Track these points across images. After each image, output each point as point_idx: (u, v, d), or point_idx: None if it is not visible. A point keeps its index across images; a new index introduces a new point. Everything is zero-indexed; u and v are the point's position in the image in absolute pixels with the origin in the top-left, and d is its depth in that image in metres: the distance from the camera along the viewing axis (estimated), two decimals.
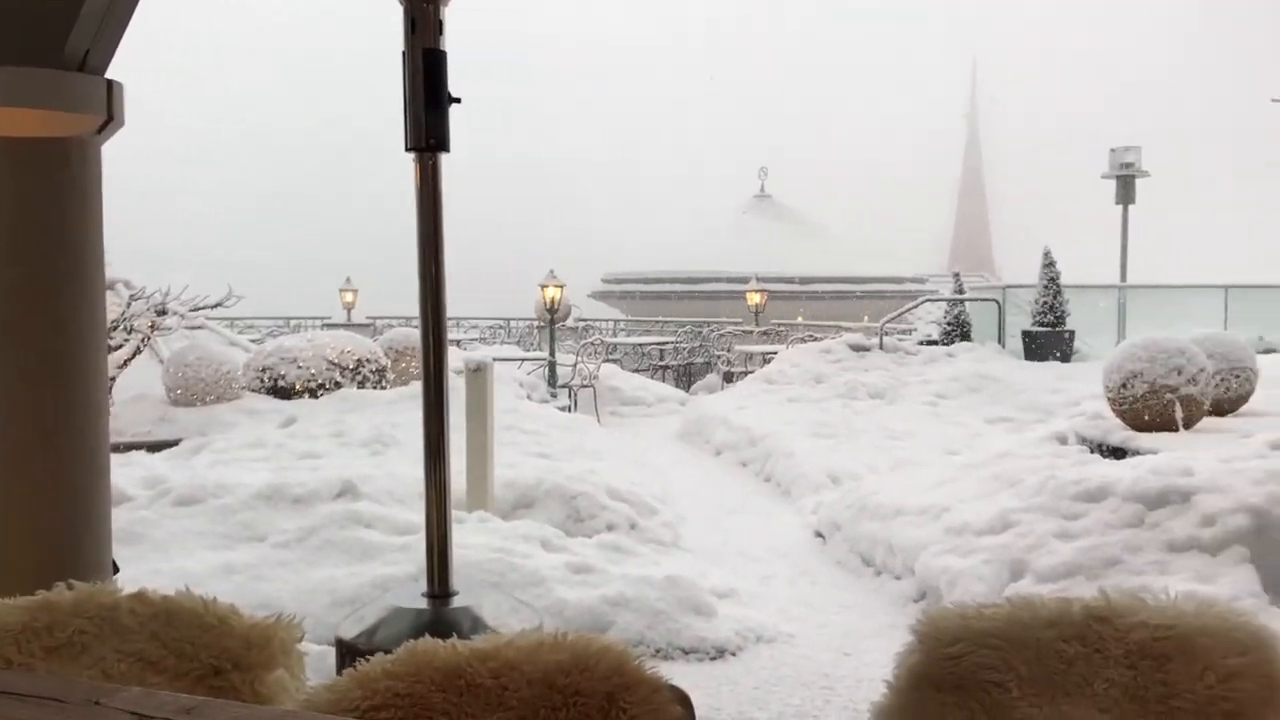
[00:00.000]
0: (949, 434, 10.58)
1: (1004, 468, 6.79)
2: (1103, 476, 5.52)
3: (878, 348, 14.32)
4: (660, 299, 32.66)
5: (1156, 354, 7.44)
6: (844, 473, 8.79)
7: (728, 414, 11.89)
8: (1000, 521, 5.57)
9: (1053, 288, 14.67)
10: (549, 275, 15.02)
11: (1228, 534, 4.88)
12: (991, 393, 12.46)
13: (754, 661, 4.83)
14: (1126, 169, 17.55)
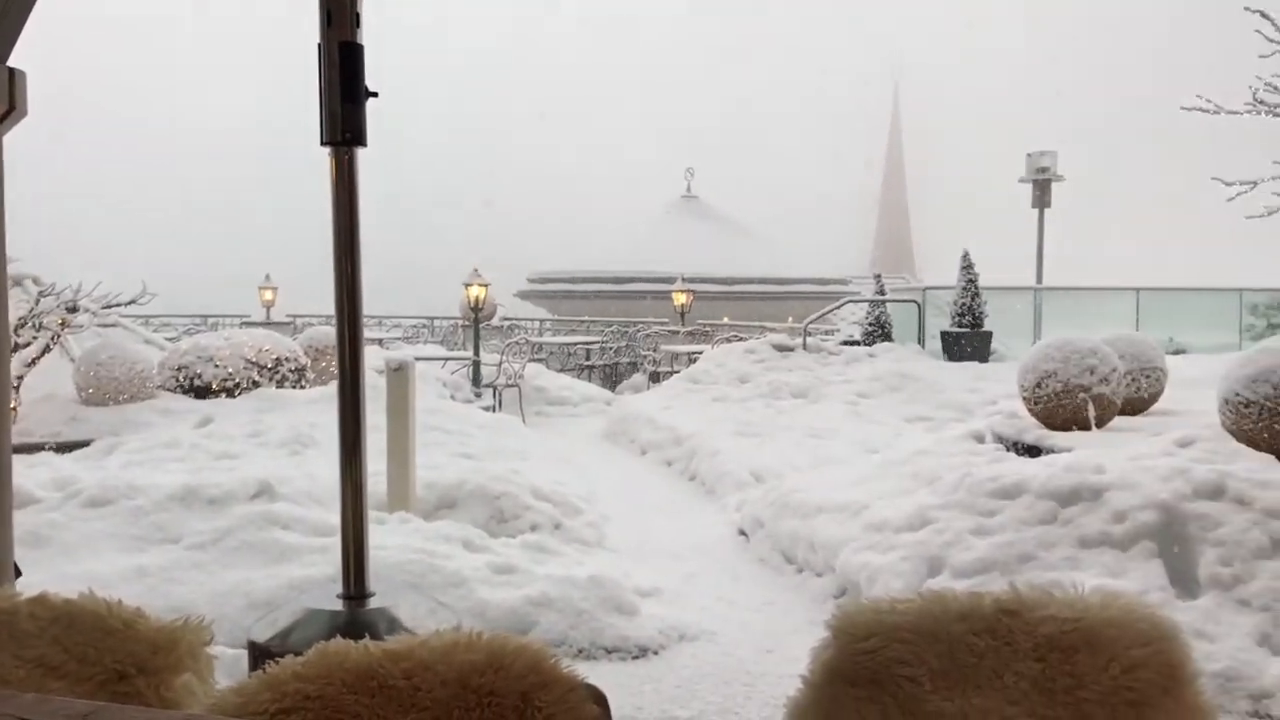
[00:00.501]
0: (870, 432, 10.73)
1: (922, 465, 6.90)
2: (1017, 474, 5.63)
3: (801, 348, 14.46)
4: (586, 299, 32.62)
5: (1070, 354, 7.61)
6: (767, 471, 8.86)
7: (653, 414, 11.92)
8: (918, 518, 5.66)
9: (971, 289, 14.94)
10: (473, 274, 14.92)
11: (1137, 530, 5.01)
12: (911, 392, 12.65)
13: (677, 659, 4.84)
14: (1042, 173, 17.96)
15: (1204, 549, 4.84)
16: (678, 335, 19.92)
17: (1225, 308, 18.59)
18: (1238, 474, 5.16)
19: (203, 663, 1.78)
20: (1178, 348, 16.21)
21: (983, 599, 1.75)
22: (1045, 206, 18.07)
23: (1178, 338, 16.94)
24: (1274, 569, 4.66)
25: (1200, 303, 19.05)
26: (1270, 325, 18.82)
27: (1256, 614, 4.50)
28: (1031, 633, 1.70)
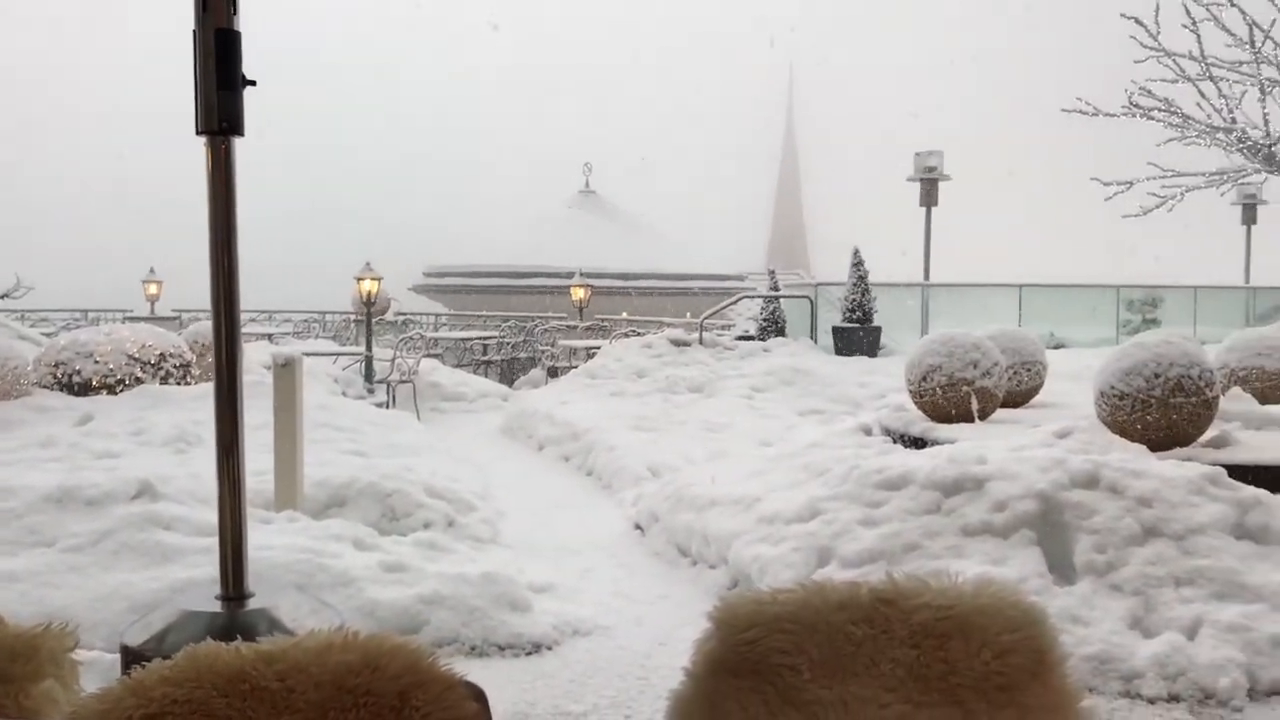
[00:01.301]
0: (764, 426, 10.88)
1: (813, 458, 7.01)
2: (903, 465, 5.76)
3: (698, 343, 14.58)
4: (484, 293, 32.39)
5: (954, 349, 7.82)
6: (663, 465, 8.91)
7: (551, 409, 11.88)
8: (808, 510, 5.75)
9: (861, 286, 15.25)
10: (365, 267, 14.68)
11: (1017, 518, 5.17)
12: (804, 386, 12.86)
13: (571, 655, 4.83)
14: (929, 172, 18.40)
15: (1080, 536, 5.01)
16: (576, 330, 19.91)
17: (1103, 303, 19.32)
18: (1112, 464, 5.35)
19: (66, 669, 1.72)
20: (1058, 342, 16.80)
21: (861, 588, 1.78)
22: (933, 205, 18.53)
23: (1058, 332, 17.56)
24: (1145, 555, 4.85)
25: (1080, 299, 19.75)
26: (1145, 320, 19.61)
27: (1128, 598, 4.67)
28: (907, 621, 1.74)
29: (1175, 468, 5.37)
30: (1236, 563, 4.79)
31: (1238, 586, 4.66)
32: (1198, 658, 4.28)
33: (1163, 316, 19.59)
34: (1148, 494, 5.11)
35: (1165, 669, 4.26)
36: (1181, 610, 4.57)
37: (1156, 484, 5.18)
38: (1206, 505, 5.10)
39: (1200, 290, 20.70)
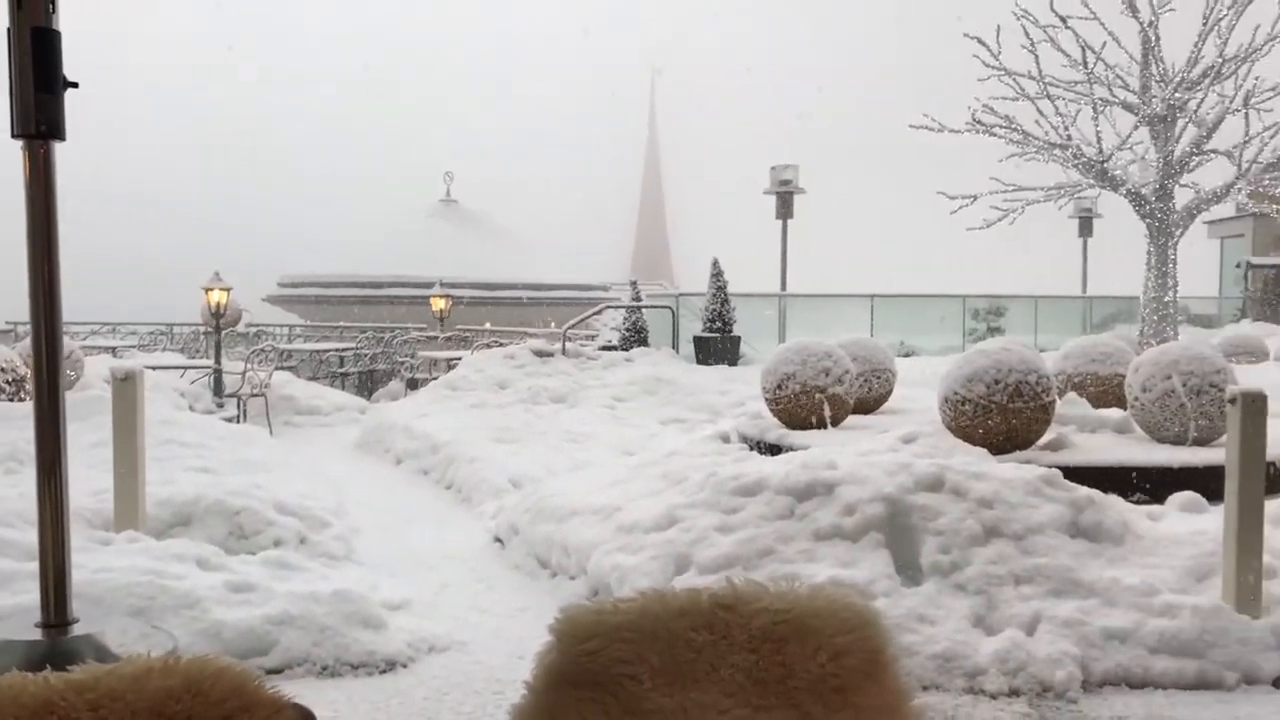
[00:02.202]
0: (626, 435, 10.93)
1: (672, 466, 7.06)
2: (758, 472, 5.85)
3: (561, 353, 14.55)
4: (341, 304, 31.71)
5: (807, 357, 8.00)
6: (525, 476, 8.85)
7: (409, 421, 11.68)
8: (667, 518, 5.78)
9: (720, 296, 15.48)
10: (214, 278, 14.19)
11: (866, 521, 5.30)
12: (666, 395, 12.97)
13: (426, 671, 4.75)
14: (785, 186, 18.83)
15: (926, 538, 5.17)
16: (437, 341, 19.64)
17: (950, 313, 20.04)
18: (955, 467, 5.54)
19: None
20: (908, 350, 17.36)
21: (701, 595, 1.80)
22: (788, 217, 18.95)
23: (908, 341, 18.15)
24: (987, 555, 5.03)
25: (929, 308, 20.45)
26: (990, 329, 20.43)
27: (972, 597, 4.84)
28: (746, 626, 1.76)
29: (1014, 470, 5.59)
30: (1071, 560, 5.02)
31: (1073, 583, 4.88)
32: (1036, 652, 4.46)
33: (1006, 325, 20.44)
34: (989, 495, 5.30)
35: (1006, 664, 4.43)
36: (1021, 607, 4.75)
37: (997, 486, 5.38)
38: (1044, 505, 5.33)
39: (1040, 300, 21.68)
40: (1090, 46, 15.72)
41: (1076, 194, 18.07)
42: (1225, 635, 4.49)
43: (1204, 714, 4.14)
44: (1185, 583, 4.92)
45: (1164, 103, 15.51)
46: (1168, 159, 15.72)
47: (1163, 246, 15.85)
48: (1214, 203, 16.06)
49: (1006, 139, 16.17)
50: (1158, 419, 7.13)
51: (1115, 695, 4.33)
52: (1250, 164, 15.31)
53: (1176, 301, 16.29)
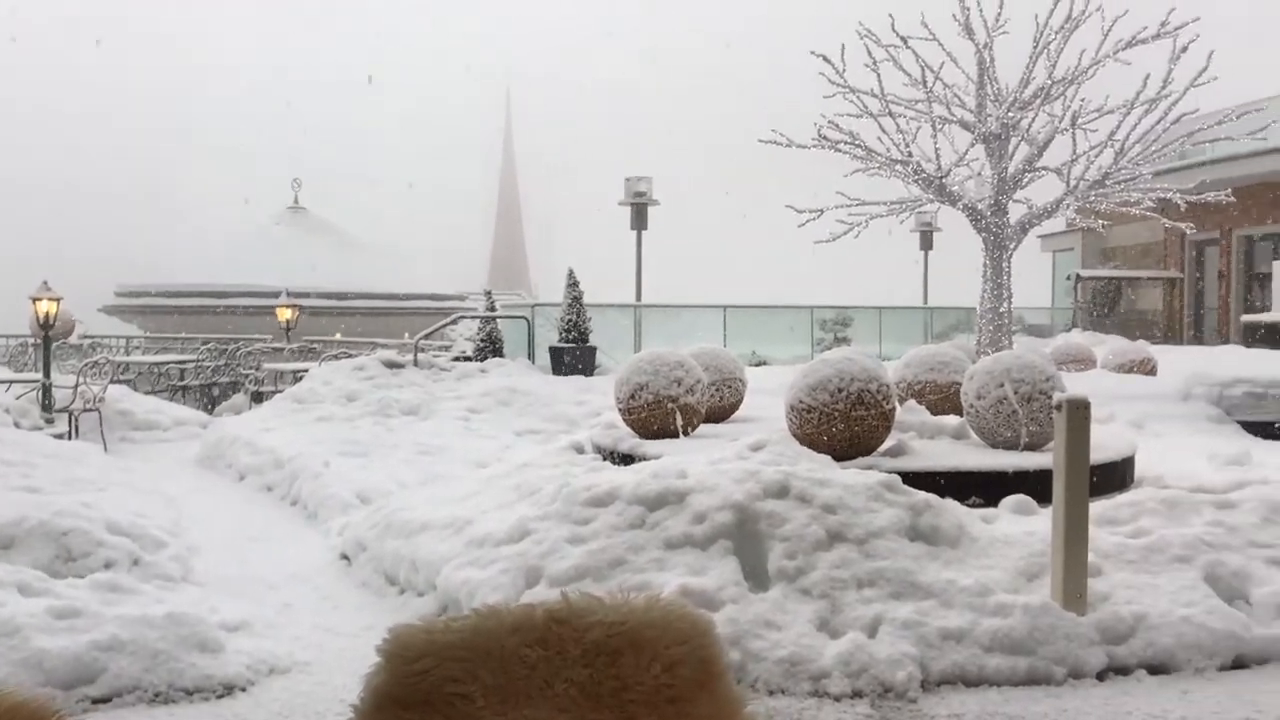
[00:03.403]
0: (480, 447, 10.81)
1: (525, 478, 7.01)
2: (611, 482, 5.86)
3: (413, 364, 14.31)
4: (183, 314, 30.55)
5: (660, 367, 8.06)
6: (374, 491, 8.65)
7: (253, 436, 11.31)
8: (518, 530, 5.73)
9: (576, 306, 15.48)
10: (43, 286, 13.46)
11: (716, 529, 5.36)
12: (521, 406, 12.89)
13: (265, 695, 4.58)
14: (639, 197, 18.97)
15: (773, 544, 5.25)
16: (283, 353, 19.08)
17: (799, 323, 20.52)
18: (800, 474, 5.65)
19: None
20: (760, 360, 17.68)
21: (535, 610, 1.78)
22: (643, 228, 19.10)
23: (760, 350, 18.49)
24: (831, 559, 5.14)
25: (779, 319, 20.90)
26: (837, 339, 20.98)
27: (816, 601, 4.94)
28: (580, 640, 1.74)
29: (856, 476, 5.74)
30: (910, 563, 5.17)
31: (912, 585, 5.03)
32: (878, 654, 4.58)
33: (853, 335, 21.04)
34: (832, 501, 5.42)
35: (849, 667, 4.53)
36: (863, 610, 4.87)
37: (840, 492, 5.51)
38: (884, 510, 5.48)
39: (884, 311, 22.40)
40: (930, 66, 16.31)
41: (917, 209, 18.69)
42: (1054, 632, 4.69)
43: (1034, 708, 4.31)
44: (1017, 583, 5.13)
45: (998, 121, 16.20)
46: (1002, 175, 16.42)
47: (998, 259, 16.54)
48: (1045, 218, 16.82)
49: (851, 155, 16.62)
50: (991, 425, 7.42)
51: (952, 693, 4.48)
52: (1078, 181, 16.10)
53: (1011, 312, 17.00)
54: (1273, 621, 4.93)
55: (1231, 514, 5.71)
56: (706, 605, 4.84)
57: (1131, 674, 4.64)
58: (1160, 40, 15.36)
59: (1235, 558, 5.30)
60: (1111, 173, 15.98)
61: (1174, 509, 5.83)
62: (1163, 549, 5.33)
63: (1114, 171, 15.98)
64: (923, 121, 16.55)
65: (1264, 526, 5.61)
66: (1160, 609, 4.88)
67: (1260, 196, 23.87)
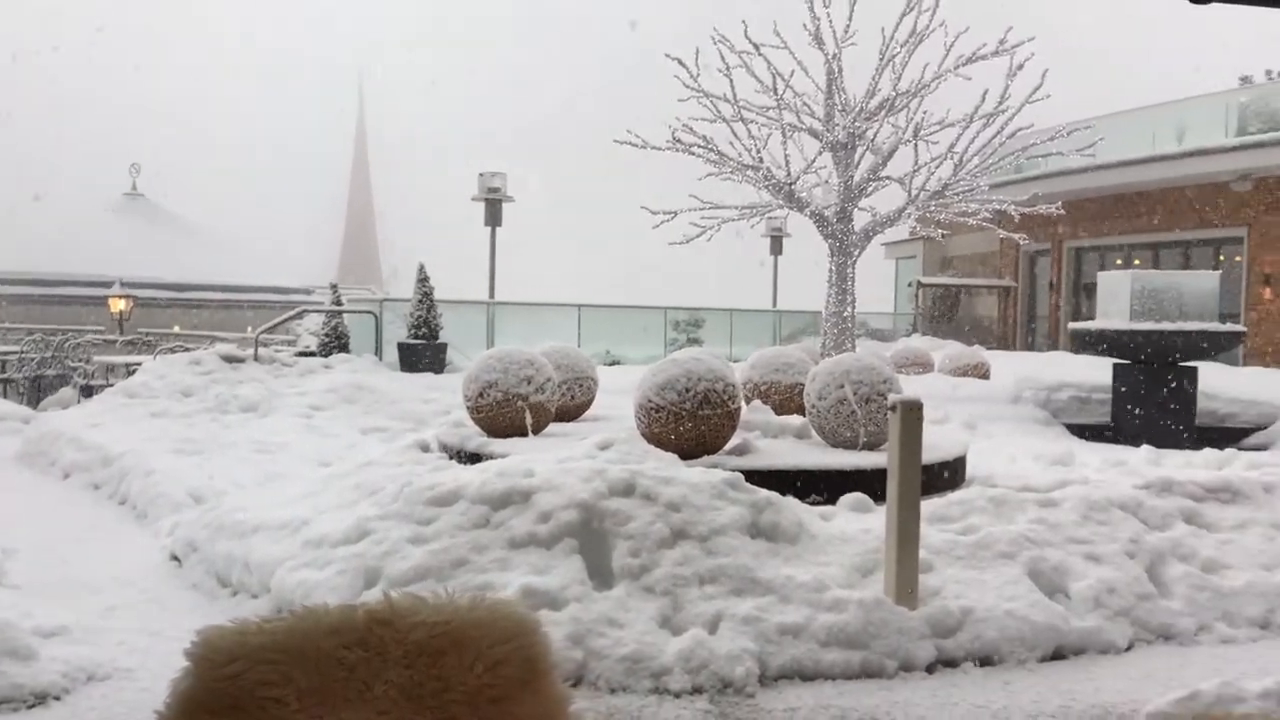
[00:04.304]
0: (322, 445, 10.52)
1: (367, 477, 6.85)
2: (455, 481, 5.77)
3: (253, 359, 13.85)
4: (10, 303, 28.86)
5: (509, 365, 7.99)
6: (208, 490, 8.33)
7: (79, 432, 10.75)
8: (357, 531, 5.60)
9: (427, 302, 15.24)
10: None
11: (561, 528, 5.33)
12: (367, 403, 12.61)
13: (83, 703, 4.35)
14: (494, 193, 18.81)
15: (618, 542, 5.26)
16: (116, 345, 18.23)
17: (653, 323, 20.69)
18: (646, 472, 5.68)
19: None
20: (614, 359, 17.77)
21: (356, 611, 1.72)
22: (497, 225, 18.95)
23: (614, 350, 18.58)
24: (674, 557, 5.18)
25: (633, 318, 21.03)
26: (690, 339, 21.24)
27: (659, 599, 4.96)
28: (403, 640, 1.69)
29: (701, 474, 5.80)
30: (751, 560, 5.25)
31: (752, 582, 5.10)
32: (718, 650, 4.63)
33: (705, 336, 21.34)
34: (677, 499, 5.46)
35: (689, 663, 4.56)
36: (705, 607, 4.92)
37: (685, 490, 5.56)
38: (727, 508, 5.55)
39: (735, 313, 22.79)
40: (781, 74, 16.66)
41: (768, 214, 19.08)
42: (886, 626, 4.83)
43: (866, 701, 4.42)
44: (853, 578, 5.26)
45: (845, 131, 16.67)
46: (848, 184, 16.90)
47: (843, 265, 17.01)
48: (888, 226, 17.39)
49: (704, 158, 16.86)
50: (832, 425, 7.61)
51: (789, 688, 4.56)
52: (919, 191, 16.71)
53: (855, 316, 17.51)
54: (1088, 614, 5.19)
55: (1053, 512, 5.98)
56: (550, 605, 4.83)
57: (959, 666, 4.81)
58: (999, 57, 16.06)
59: (1056, 553, 5.56)
60: (951, 184, 16.63)
61: (1001, 507, 6.08)
62: (990, 545, 5.55)
63: (953, 182, 16.62)
64: (773, 128, 16.90)
65: (1083, 524, 5.90)
66: (986, 603, 5.07)
67: (1088, 210, 25.22)
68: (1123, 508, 6.12)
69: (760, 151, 16.77)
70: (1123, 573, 5.49)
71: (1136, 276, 12.29)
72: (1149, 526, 6.04)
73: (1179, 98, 24.61)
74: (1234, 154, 21.78)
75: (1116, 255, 25.88)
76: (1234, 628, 5.38)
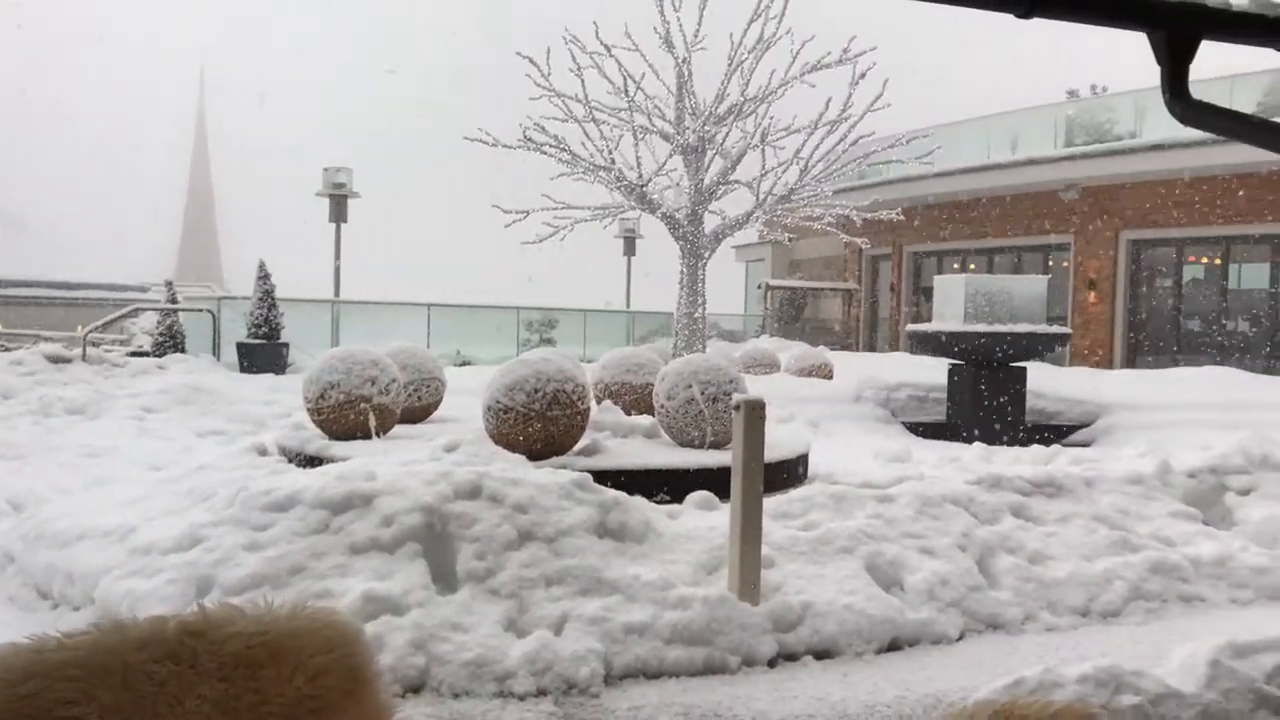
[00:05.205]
0: (155, 449, 10.09)
1: (201, 481, 6.59)
2: (293, 485, 5.59)
3: (81, 359, 13.18)
4: None
5: (352, 366, 7.80)
6: (29, 497, 7.89)
7: None
8: (189, 538, 5.37)
9: (268, 300, 14.79)
10: None
11: (404, 532, 5.23)
12: (204, 405, 12.15)
13: None
14: (339, 189, 18.37)
15: (463, 546, 5.18)
16: None
17: (505, 323, 20.54)
18: (493, 474, 5.62)
19: None
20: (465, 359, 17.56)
21: (167, 623, 1.64)
22: (342, 221, 18.51)
23: (465, 350, 18.37)
24: (520, 559, 5.13)
25: (485, 318, 20.84)
26: (543, 339, 21.18)
27: (505, 601, 4.91)
28: (217, 653, 1.62)
29: (549, 475, 5.77)
30: (598, 560, 5.24)
31: (599, 582, 5.10)
32: (563, 651, 4.60)
33: (558, 336, 21.31)
34: (524, 501, 5.42)
35: (535, 665, 4.53)
36: (551, 608, 4.90)
37: (532, 491, 5.52)
38: (575, 509, 5.53)
39: (589, 314, 22.83)
40: (632, 76, 16.78)
41: (620, 215, 19.18)
42: (729, 623, 4.89)
43: (709, 697, 4.47)
44: (698, 576, 5.32)
45: (695, 134, 16.89)
46: (698, 187, 17.13)
47: (694, 267, 17.23)
48: (737, 229, 17.70)
49: (557, 158, 16.83)
50: (680, 425, 7.69)
51: (634, 686, 4.57)
52: (766, 195, 17.06)
53: (705, 317, 17.76)
54: (923, 606, 5.37)
55: (890, 507, 6.17)
56: (392, 610, 4.73)
57: (799, 660, 4.91)
58: (842, 66, 16.52)
59: (892, 547, 5.74)
60: (797, 188, 17.03)
61: (841, 503, 6.24)
62: (830, 541, 5.69)
63: (799, 187, 17.03)
64: (625, 130, 17.00)
65: (917, 518, 6.10)
66: (826, 597, 5.19)
67: (927, 216, 26.20)
68: (955, 503, 6.35)
69: (612, 152, 16.84)
70: (955, 565, 5.70)
71: (970, 280, 12.80)
72: (979, 520, 6.28)
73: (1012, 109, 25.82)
74: (1061, 164, 22.98)
75: (953, 260, 26.96)
76: (1057, 616, 5.65)
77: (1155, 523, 6.78)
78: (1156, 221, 22.15)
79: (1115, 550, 6.23)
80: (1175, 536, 6.56)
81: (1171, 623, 5.66)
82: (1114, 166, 22.00)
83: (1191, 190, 21.19)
